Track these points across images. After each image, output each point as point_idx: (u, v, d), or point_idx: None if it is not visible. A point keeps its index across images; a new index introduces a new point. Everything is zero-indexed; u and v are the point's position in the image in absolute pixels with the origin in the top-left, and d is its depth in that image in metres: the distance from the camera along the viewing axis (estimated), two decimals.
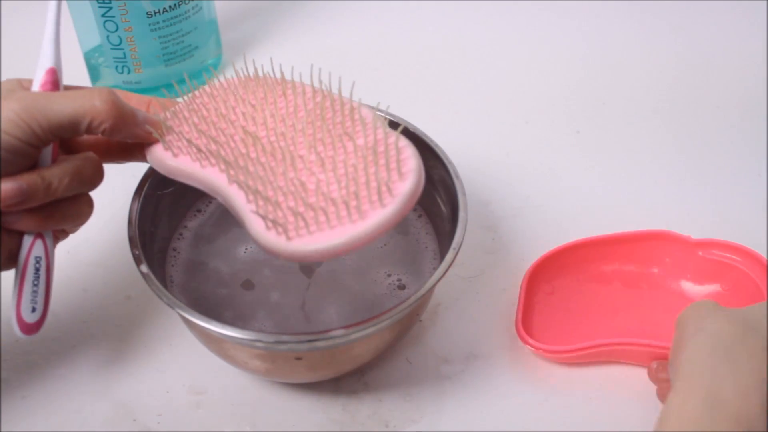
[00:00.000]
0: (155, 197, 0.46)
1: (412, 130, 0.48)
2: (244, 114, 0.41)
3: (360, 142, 0.38)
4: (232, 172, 0.38)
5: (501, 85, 0.68)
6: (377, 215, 0.34)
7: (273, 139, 0.39)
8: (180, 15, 0.61)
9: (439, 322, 0.49)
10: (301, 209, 0.35)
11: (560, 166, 0.60)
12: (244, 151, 0.39)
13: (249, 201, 0.37)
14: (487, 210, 0.56)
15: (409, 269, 0.49)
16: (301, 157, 0.38)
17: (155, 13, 0.60)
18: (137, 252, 0.41)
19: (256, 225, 0.36)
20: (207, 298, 0.47)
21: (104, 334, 0.48)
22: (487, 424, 0.44)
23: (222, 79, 0.44)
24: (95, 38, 0.61)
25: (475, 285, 0.51)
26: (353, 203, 0.35)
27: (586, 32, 0.74)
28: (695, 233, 0.49)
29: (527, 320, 0.47)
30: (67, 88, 0.41)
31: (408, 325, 0.44)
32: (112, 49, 0.61)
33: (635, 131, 0.63)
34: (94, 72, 0.65)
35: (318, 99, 0.41)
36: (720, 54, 0.71)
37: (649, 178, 0.59)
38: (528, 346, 0.45)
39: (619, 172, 0.59)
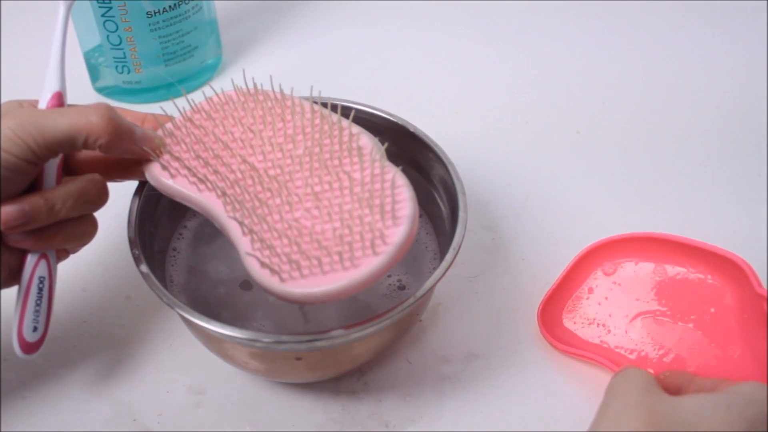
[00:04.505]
0: (155, 197, 0.46)
1: (412, 130, 0.48)
2: (242, 140, 0.41)
3: (357, 176, 0.38)
4: (228, 207, 0.39)
5: (501, 85, 0.68)
6: (370, 264, 0.35)
7: (270, 170, 0.40)
8: (180, 15, 0.61)
9: (439, 322, 0.49)
10: (296, 256, 0.36)
11: (560, 166, 0.60)
12: (242, 183, 0.39)
13: (245, 234, 0.37)
14: (487, 210, 0.56)
15: (409, 269, 0.49)
16: (297, 194, 0.38)
17: (155, 13, 0.60)
18: (137, 252, 0.41)
19: (251, 261, 0.37)
20: (206, 298, 0.47)
21: (104, 334, 0.48)
22: (487, 424, 0.44)
23: (220, 93, 0.44)
24: (95, 38, 0.61)
25: (475, 285, 0.51)
26: (347, 254, 0.35)
27: (587, 32, 0.74)
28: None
29: (556, 299, 0.48)
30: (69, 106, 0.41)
31: (408, 325, 0.44)
32: (112, 49, 0.61)
33: (635, 131, 0.63)
34: (94, 72, 0.65)
35: (317, 121, 0.41)
36: (721, 54, 0.71)
37: (650, 178, 0.59)
38: (540, 327, 0.47)
39: (619, 172, 0.59)
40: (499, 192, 0.58)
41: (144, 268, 0.41)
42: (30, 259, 0.39)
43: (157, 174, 0.41)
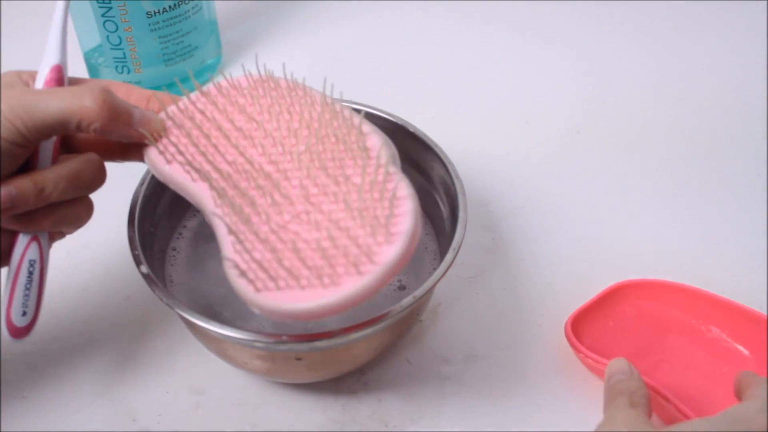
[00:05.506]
0: (155, 197, 0.46)
1: (411, 130, 0.48)
2: (242, 129, 0.39)
3: (356, 181, 0.35)
4: (218, 202, 0.36)
5: (501, 85, 0.68)
6: (351, 284, 0.32)
7: (267, 166, 0.37)
8: (180, 15, 0.61)
9: (439, 322, 0.49)
10: (274, 265, 0.33)
11: (560, 166, 0.60)
12: (235, 177, 0.37)
13: (229, 234, 0.35)
14: (487, 210, 0.56)
15: (409, 269, 0.49)
16: (289, 196, 0.35)
17: (155, 13, 0.60)
18: (137, 252, 0.41)
19: (228, 265, 0.34)
20: (206, 298, 0.47)
21: (104, 334, 0.48)
22: (487, 424, 0.44)
23: (229, 77, 0.42)
24: (95, 38, 0.61)
25: (475, 285, 0.51)
26: (327, 269, 0.32)
27: (587, 32, 0.74)
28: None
29: (582, 320, 0.46)
30: (72, 81, 0.40)
31: (408, 325, 0.44)
32: (112, 49, 0.61)
33: (635, 131, 0.63)
34: (94, 72, 0.65)
35: (327, 117, 0.38)
36: (722, 54, 0.71)
37: (650, 177, 0.59)
38: (568, 336, 0.45)
39: (619, 172, 0.59)
40: (499, 192, 0.58)
41: (144, 268, 0.41)
42: (20, 241, 0.37)
43: (153, 158, 0.39)
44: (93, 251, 0.52)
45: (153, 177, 0.46)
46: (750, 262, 0.52)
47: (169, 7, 0.60)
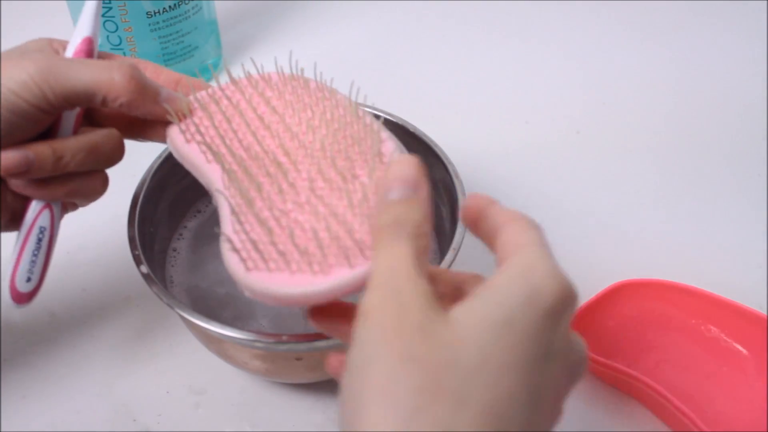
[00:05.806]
0: (155, 197, 0.46)
1: (411, 130, 0.48)
2: (263, 119, 0.40)
3: (364, 180, 0.36)
4: (227, 183, 0.37)
5: (501, 85, 0.68)
6: (340, 275, 0.32)
7: (280, 157, 0.38)
8: (180, 15, 0.61)
9: None
10: (268, 247, 0.33)
11: (560, 166, 0.60)
12: (247, 162, 0.38)
13: (231, 213, 0.35)
14: None
15: None
16: (294, 185, 0.36)
17: (155, 13, 0.60)
18: (137, 252, 0.41)
19: (223, 242, 0.34)
20: (206, 298, 0.47)
21: (104, 334, 0.48)
22: None
23: (261, 71, 0.43)
24: None
25: None
26: (317, 257, 0.32)
27: (587, 32, 0.74)
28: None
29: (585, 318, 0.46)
30: (102, 55, 0.40)
31: None
32: (112, 49, 0.61)
33: (635, 131, 0.63)
34: None
35: (349, 119, 0.39)
36: (722, 54, 0.71)
37: (649, 177, 0.59)
38: None
39: (619, 172, 0.59)
40: (499, 192, 0.58)
41: (144, 268, 0.41)
42: (33, 207, 0.38)
43: (174, 137, 0.40)
44: (93, 251, 0.52)
45: (153, 178, 0.46)
46: (750, 262, 0.52)
47: (169, 7, 0.60)
